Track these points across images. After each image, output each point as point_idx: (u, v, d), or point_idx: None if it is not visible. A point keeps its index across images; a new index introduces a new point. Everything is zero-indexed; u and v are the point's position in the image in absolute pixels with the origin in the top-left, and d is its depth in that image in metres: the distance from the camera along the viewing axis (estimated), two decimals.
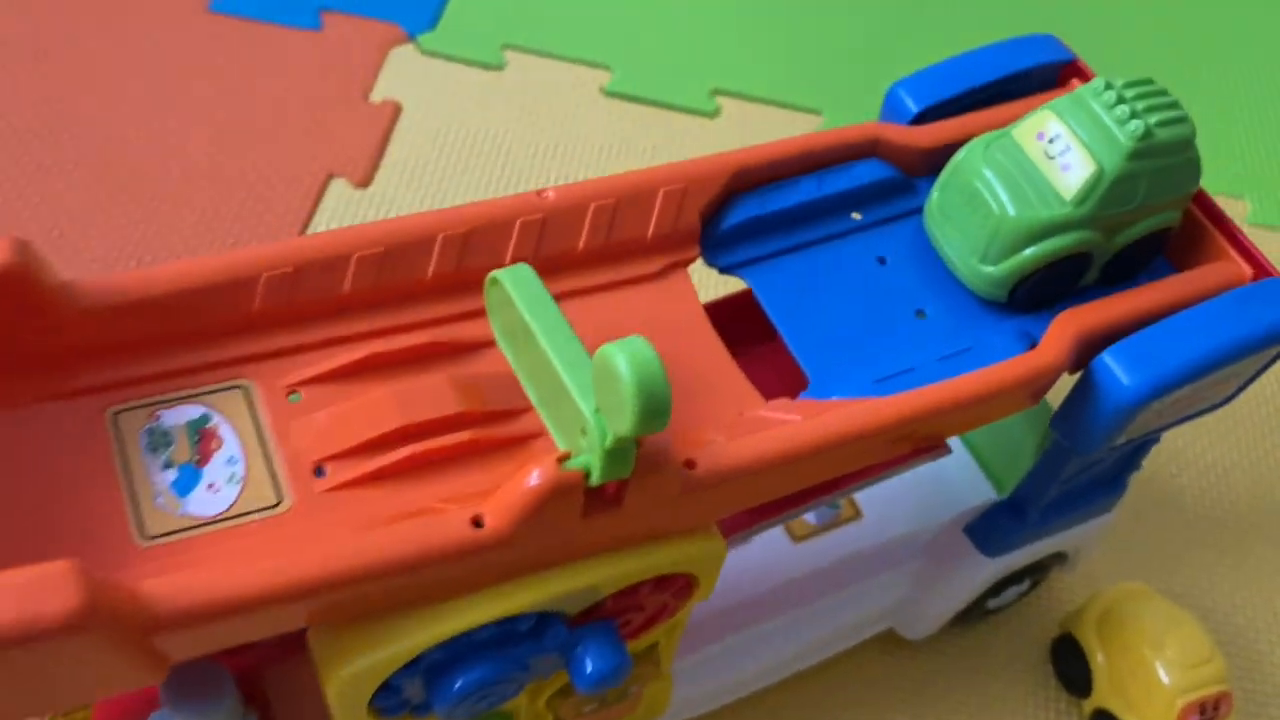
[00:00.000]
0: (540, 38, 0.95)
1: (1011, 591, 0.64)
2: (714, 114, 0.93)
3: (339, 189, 0.84)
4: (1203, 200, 0.50)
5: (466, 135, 0.88)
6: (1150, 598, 0.64)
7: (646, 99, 0.92)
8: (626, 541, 0.39)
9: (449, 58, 0.93)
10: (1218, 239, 0.49)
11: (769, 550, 0.60)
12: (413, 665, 0.37)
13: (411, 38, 0.93)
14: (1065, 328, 0.45)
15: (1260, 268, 0.49)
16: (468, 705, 0.39)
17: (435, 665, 0.38)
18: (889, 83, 0.53)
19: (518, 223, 0.43)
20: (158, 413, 0.38)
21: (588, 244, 0.45)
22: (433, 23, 0.94)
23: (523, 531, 0.35)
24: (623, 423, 0.32)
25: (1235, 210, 0.93)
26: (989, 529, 0.58)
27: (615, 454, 0.34)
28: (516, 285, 0.38)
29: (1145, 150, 0.44)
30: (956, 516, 0.60)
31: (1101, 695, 0.62)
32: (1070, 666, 0.65)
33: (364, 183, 0.84)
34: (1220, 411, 0.73)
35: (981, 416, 0.46)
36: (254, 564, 0.33)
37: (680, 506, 0.39)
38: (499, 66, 0.93)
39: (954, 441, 0.62)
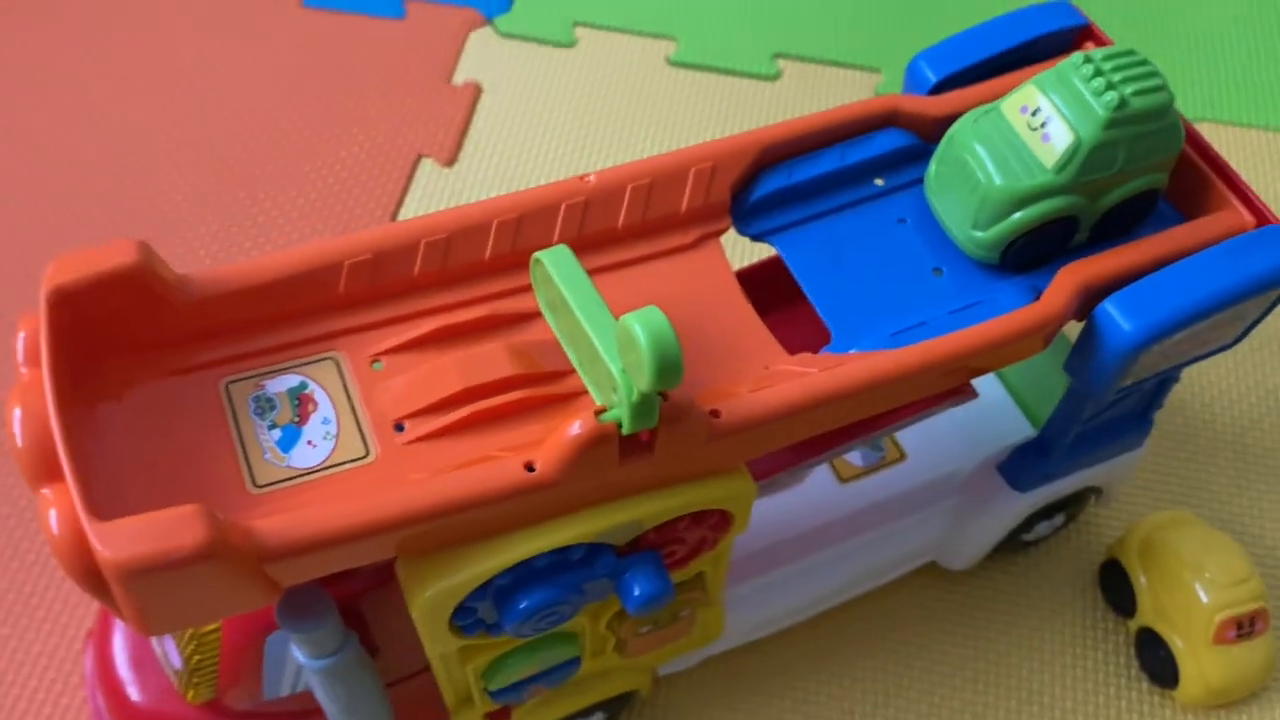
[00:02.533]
0: (608, 14, 1.00)
1: (1045, 525, 0.68)
2: (775, 77, 0.97)
3: (427, 168, 0.90)
4: (1205, 150, 0.53)
5: (543, 111, 0.94)
6: (1190, 523, 0.67)
7: (710, 66, 0.97)
8: (662, 482, 0.45)
9: (524, 38, 0.98)
10: (1219, 188, 0.53)
11: (816, 491, 0.65)
12: (483, 589, 0.44)
13: (489, 21, 0.99)
14: (1068, 280, 0.49)
15: (1261, 216, 0.52)
16: (532, 623, 0.45)
17: (503, 589, 0.44)
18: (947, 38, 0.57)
19: (563, 206, 0.49)
20: (263, 383, 0.45)
21: (627, 221, 0.50)
22: (508, 6, 1.00)
23: (568, 474, 0.41)
24: (643, 380, 0.38)
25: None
26: (1019, 466, 0.62)
27: (641, 407, 0.40)
28: (555, 264, 0.43)
29: (1121, 119, 0.47)
30: (997, 453, 0.64)
31: (1145, 615, 0.66)
32: (1116, 590, 0.69)
33: (450, 161, 0.91)
34: (1251, 342, 0.76)
35: (990, 364, 0.50)
36: (346, 504, 0.40)
37: (708, 451, 0.44)
38: (570, 44, 0.98)
39: (992, 381, 0.67)
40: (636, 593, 0.46)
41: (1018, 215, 0.49)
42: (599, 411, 0.41)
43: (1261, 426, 0.78)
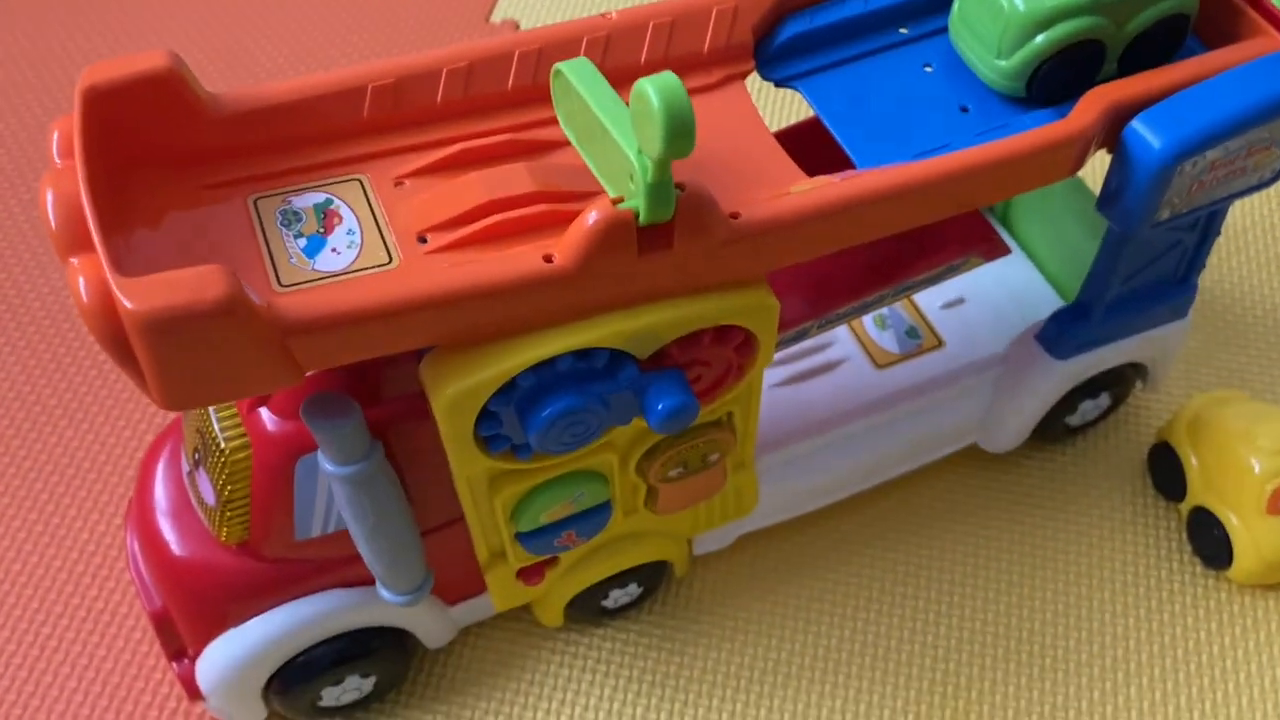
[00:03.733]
0: None
1: (1090, 406, 0.67)
2: None
3: None
4: None
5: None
6: (1239, 399, 0.66)
7: None
8: (682, 289, 0.45)
9: None
10: (1250, 15, 0.52)
11: (851, 376, 0.64)
12: (507, 392, 0.44)
13: None
14: (1096, 100, 0.49)
15: None
16: (555, 433, 0.45)
17: (526, 395, 0.44)
18: None
19: (584, 40, 0.50)
20: (289, 199, 0.45)
21: (649, 58, 0.50)
22: None
23: (585, 265, 0.42)
24: (655, 143, 0.38)
25: None
26: (1058, 332, 0.61)
27: (657, 189, 0.40)
28: (574, 71, 0.44)
29: None
30: (1031, 328, 0.63)
31: (1196, 494, 0.65)
32: (1166, 474, 0.67)
33: None
34: None
35: (1015, 181, 0.49)
36: (365, 289, 0.40)
37: (727, 256, 0.44)
38: None
39: (1025, 263, 0.66)
40: (660, 406, 0.46)
41: (1040, 38, 0.49)
42: (616, 202, 0.41)
43: None
